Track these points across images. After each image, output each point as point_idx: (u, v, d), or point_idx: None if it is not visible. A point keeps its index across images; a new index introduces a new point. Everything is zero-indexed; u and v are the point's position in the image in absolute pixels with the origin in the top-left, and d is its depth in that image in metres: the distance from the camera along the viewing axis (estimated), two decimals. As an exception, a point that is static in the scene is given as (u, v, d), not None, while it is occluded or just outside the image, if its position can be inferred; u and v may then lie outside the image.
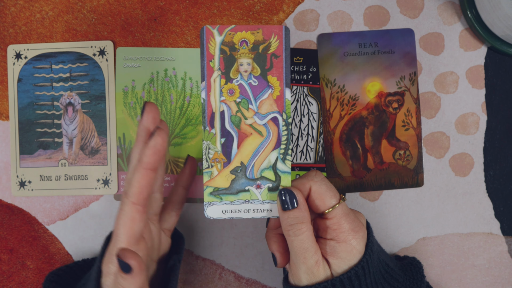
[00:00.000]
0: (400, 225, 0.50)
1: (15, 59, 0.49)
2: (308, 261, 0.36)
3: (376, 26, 0.49)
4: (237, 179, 0.38)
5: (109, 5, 0.49)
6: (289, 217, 0.36)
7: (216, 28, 0.37)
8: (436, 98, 0.50)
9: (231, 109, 0.38)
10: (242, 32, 0.37)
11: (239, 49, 0.37)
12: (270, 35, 0.37)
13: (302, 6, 0.50)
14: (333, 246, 0.36)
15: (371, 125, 0.49)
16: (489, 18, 0.47)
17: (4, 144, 0.50)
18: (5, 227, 0.49)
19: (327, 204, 0.36)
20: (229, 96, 0.38)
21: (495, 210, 0.50)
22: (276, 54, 0.37)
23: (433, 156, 0.50)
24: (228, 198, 0.38)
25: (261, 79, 0.37)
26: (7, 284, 0.49)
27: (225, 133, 0.38)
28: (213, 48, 0.37)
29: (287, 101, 0.38)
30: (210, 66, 0.37)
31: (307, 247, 0.36)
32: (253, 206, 0.38)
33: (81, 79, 0.49)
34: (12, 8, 0.50)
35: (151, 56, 0.49)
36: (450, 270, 0.49)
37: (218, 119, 0.38)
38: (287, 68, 0.37)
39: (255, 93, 0.38)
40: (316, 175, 0.37)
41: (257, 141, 0.38)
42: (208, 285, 0.49)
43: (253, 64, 0.37)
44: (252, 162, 0.38)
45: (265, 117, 0.38)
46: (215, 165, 0.38)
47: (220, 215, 0.38)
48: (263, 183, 0.38)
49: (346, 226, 0.36)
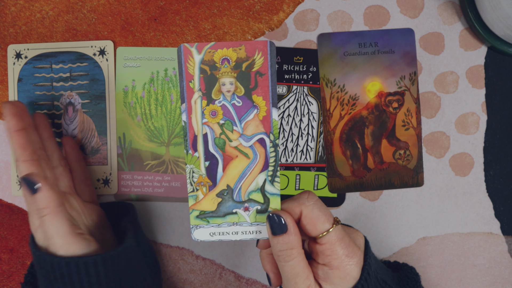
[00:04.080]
0: (400, 225, 0.50)
1: (15, 59, 0.49)
2: (299, 286, 0.35)
3: (376, 26, 0.50)
4: (224, 202, 0.37)
5: (109, 5, 0.49)
6: (279, 243, 0.35)
7: (195, 46, 0.35)
8: (436, 98, 0.50)
9: (215, 131, 0.36)
10: (223, 50, 0.35)
11: (220, 68, 0.35)
12: (254, 52, 0.35)
13: (302, 6, 0.50)
14: (326, 271, 0.35)
15: (371, 124, 0.49)
16: (489, 18, 0.47)
17: (4, 144, 0.50)
18: (5, 227, 0.49)
19: (319, 230, 0.35)
20: (212, 118, 0.36)
21: (495, 210, 0.50)
22: (261, 72, 0.35)
23: (433, 156, 0.50)
24: (215, 221, 0.37)
25: (246, 99, 0.35)
26: (7, 284, 0.49)
27: (209, 156, 0.36)
28: (192, 67, 0.35)
29: (274, 122, 0.36)
30: (190, 87, 0.35)
31: (297, 273, 0.35)
32: (242, 228, 0.37)
33: (81, 79, 0.49)
34: (12, 8, 0.50)
35: (151, 56, 0.49)
36: (450, 270, 0.49)
37: (201, 142, 0.36)
38: (273, 86, 0.35)
39: (240, 114, 0.36)
40: (308, 198, 0.35)
41: (244, 163, 0.36)
42: (208, 285, 0.49)
43: (236, 83, 0.35)
44: (239, 185, 0.36)
45: (251, 139, 0.36)
46: (200, 189, 0.36)
47: (207, 238, 0.37)
48: (251, 206, 0.36)
49: (340, 252, 0.35)
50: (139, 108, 0.49)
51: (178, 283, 0.49)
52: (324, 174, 0.49)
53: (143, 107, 0.49)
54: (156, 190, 0.49)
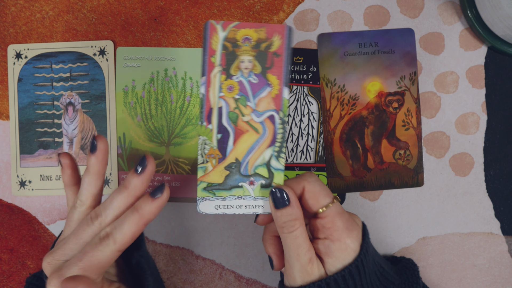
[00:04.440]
0: (400, 225, 0.50)
1: (16, 59, 0.49)
2: (301, 258, 0.36)
3: (376, 26, 0.49)
4: (231, 175, 0.38)
5: (109, 5, 0.49)
6: (282, 215, 0.36)
7: (220, 23, 0.37)
8: (436, 98, 0.50)
9: (229, 105, 0.38)
10: (245, 29, 0.37)
11: (241, 45, 0.37)
12: (273, 34, 0.37)
13: (302, 6, 0.50)
14: (327, 244, 0.36)
15: (371, 124, 0.49)
16: (489, 18, 0.47)
17: (4, 144, 0.50)
18: (5, 227, 0.49)
19: (321, 203, 0.36)
20: (228, 93, 0.37)
21: (495, 210, 0.50)
22: (278, 53, 0.37)
23: (433, 156, 0.50)
24: (221, 194, 0.38)
25: (261, 77, 0.37)
26: (7, 284, 0.49)
27: (222, 129, 0.38)
28: (215, 43, 0.37)
29: (284, 100, 0.38)
30: (211, 62, 0.37)
31: (299, 243, 0.36)
32: (246, 202, 0.38)
33: (81, 78, 0.49)
34: (13, 8, 0.50)
35: (151, 56, 0.49)
36: (450, 270, 0.49)
37: (215, 115, 0.38)
38: (287, 67, 0.37)
39: (254, 91, 0.38)
40: (310, 175, 0.37)
41: (253, 138, 0.38)
42: (208, 285, 0.49)
43: (254, 61, 0.37)
44: (246, 159, 0.38)
45: (262, 115, 0.38)
46: (210, 161, 0.38)
47: (212, 210, 0.38)
48: (257, 180, 0.38)
49: (340, 225, 0.36)
50: (139, 108, 0.49)
51: (178, 283, 0.49)
52: (324, 174, 0.49)
53: (143, 107, 0.49)
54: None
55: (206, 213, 0.38)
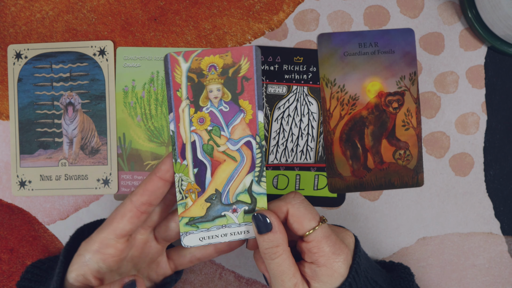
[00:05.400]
0: (400, 225, 0.50)
1: (15, 59, 0.49)
2: (286, 283, 0.35)
3: (376, 26, 0.50)
4: (212, 206, 0.37)
5: (109, 5, 0.49)
6: (264, 241, 0.35)
7: (182, 54, 0.35)
8: (436, 98, 0.50)
9: (203, 138, 0.36)
10: (210, 57, 0.35)
11: (207, 75, 0.35)
12: (240, 57, 0.35)
13: (302, 6, 0.50)
14: (314, 269, 0.35)
15: (371, 125, 0.49)
16: (489, 18, 0.47)
17: (4, 144, 0.50)
18: (5, 227, 0.49)
19: (306, 227, 0.35)
20: (200, 125, 0.36)
21: (495, 210, 0.50)
22: (247, 77, 0.35)
23: (433, 156, 0.50)
24: (205, 226, 0.37)
25: (233, 104, 0.36)
26: (7, 284, 0.49)
27: (198, 163, 0.36)
28: (179, 76, 0.35)
29: (260, 124, 0.36)
30: (178, 96, 0.35)
31: (283, 270, 0.35)
32: (230, 230, 0.37)
33: (81, 79, 0.49)
34: (12, 8, 0.50)
35: (151, 56, 0.49)
36: (450, 270, 0.49)
37: (189, 150, 0.36)
38: (259, 90, 0.36)
39: (227, 119, 0.36)
40: (295, 197, 0.36)
41: (231, 167, 0.37)
42: (208, 285, 0.49)
43: (223, 89, 0.36)
44: (227, 188, 0.37)
45: (238, 142, 0.36)
46: (189, 196, 0.37)
47: (197, 243, 0.37)
48: (239, 207, 0.37)
49: (327, 249, 0.35)
50: (139, 108, 0.49)
51: (178, 283, 0.49)
52: (324, 174, 0.49)
53: (143, 107, 0.49)
54: (156, 190, 0.49)
55: (191, 246, 0.37)
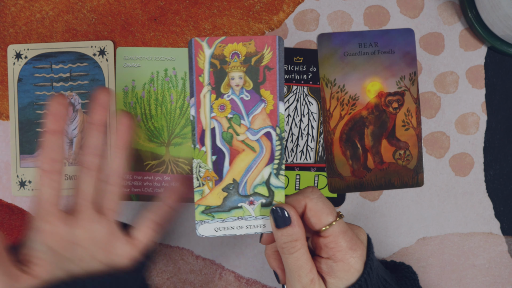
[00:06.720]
0: (400, 225, 0.50)
1: (15, 59, 0.49)
2: (303, 279, 0.35)
3: (376, 26, 0.50)
4: (229, 196, 0.37)
5: (109, 5, 0.49)
6: (283, 235, 0.35)
7: (206, 40, 0.35)
8: (436, 98, 0.50)
9: (222, 125, 0.36)
10: (233, 44, 0.35)
11: (230, 62, 0.35)
12: (263, 47, 0.35)
13: (302, 6, 0.50)
14: (330, 265, 0.35)
15: (371, 125, 0.49)
16: (489, 18, 0.47)
17: (4, 144, 0.50)
18: (5, 227, 0.49)
19: (323, 222, 0.35)
20: (220, 112, 0.36)
21: (495, 210, 0.50)
22: (270, 67, 0.35)
23: (433, 156, 0.50)
24: (221, 216, 0.37)
25: (254, 93, 0.36)
26: (7, 284, 0.49)
27: (216, 150, 0.36)
28: (202, 62, 0.35)
29: (280, 115, 0.36)
30: (200, 81, 0.35)
31: (301, 265, 0.35)
32: (246, 222, 0.37)
33: (81, 79, 0.49)
34: (12, 8, 0.50)
35: (151, 56, 0.49)
36: (450, 270, 0.49)
37: (208, 136, 0.36)
38: (280, 81, 0.36)
39: (247, 108, 0.36)
40: (313, 192, 0.36)
41: (250, 157, 0.36)
42: (208, 285, 0.49)
43: (245, 77, 0.35)
44: (244, 179, 0.36)
45: (258, 133, 0.36)
46: (206, 183, 0.36)
47: (212, 233, 0.37)
48: (256, 199, 0.37)
49: (344, 245, 0.35)
50: (139, 108, 0.49)
51: (178, 283, 0.49)
52: (324, 174, 0.49)
53: (143, 107, 0.49)
54: (156, 190, 0.49)
55: (206, 236, 0.37)
